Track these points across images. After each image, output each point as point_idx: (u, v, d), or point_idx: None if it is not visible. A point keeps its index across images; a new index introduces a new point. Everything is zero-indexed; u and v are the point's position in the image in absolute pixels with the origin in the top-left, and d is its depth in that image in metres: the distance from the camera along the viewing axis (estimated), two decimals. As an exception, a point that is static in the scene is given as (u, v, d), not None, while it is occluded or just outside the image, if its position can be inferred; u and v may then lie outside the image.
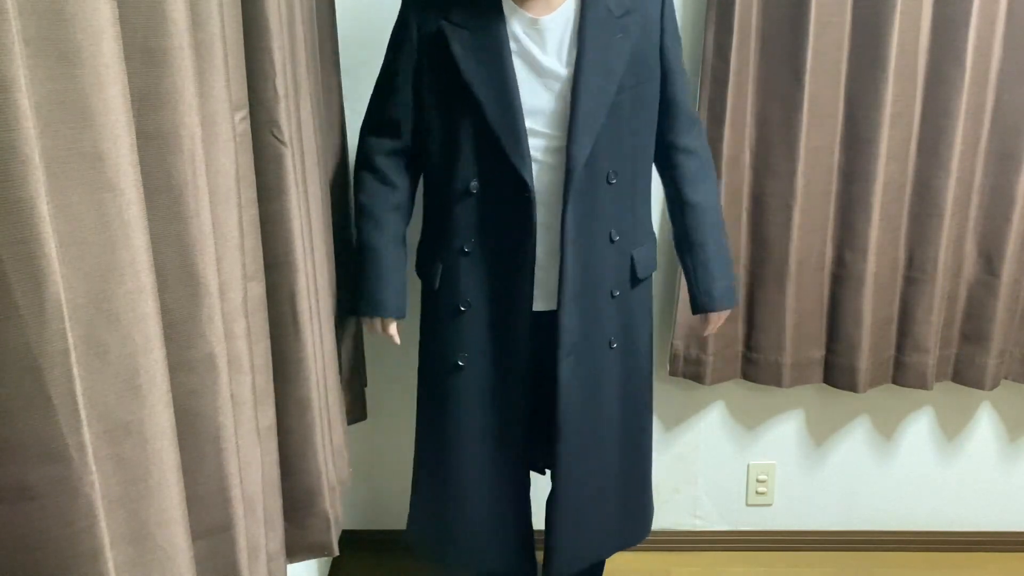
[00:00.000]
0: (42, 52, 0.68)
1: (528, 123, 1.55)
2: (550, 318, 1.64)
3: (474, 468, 1.72)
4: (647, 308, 1.80)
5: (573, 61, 1.54)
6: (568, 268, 1.59)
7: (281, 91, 1.20)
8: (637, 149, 1.64)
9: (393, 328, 1.75)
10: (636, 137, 1.63)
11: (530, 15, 1.53)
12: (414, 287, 1.84)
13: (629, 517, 1.85)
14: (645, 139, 1.66)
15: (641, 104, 1.61)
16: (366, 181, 1.70)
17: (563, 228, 1.57)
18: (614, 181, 1.60)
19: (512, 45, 1.54)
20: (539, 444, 1.79)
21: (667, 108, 1.67)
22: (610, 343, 1.68)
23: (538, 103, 1.56)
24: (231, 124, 1.01)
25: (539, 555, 1.88)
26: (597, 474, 1.75)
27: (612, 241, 1.63)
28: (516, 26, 1.54)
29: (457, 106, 1.56)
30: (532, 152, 1.56)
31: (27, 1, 0.66)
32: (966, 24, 1.91)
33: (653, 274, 1.81)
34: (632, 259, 1.68)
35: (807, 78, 1.93)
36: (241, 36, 1.13)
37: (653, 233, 1.78)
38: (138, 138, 0.81)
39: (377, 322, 1.74)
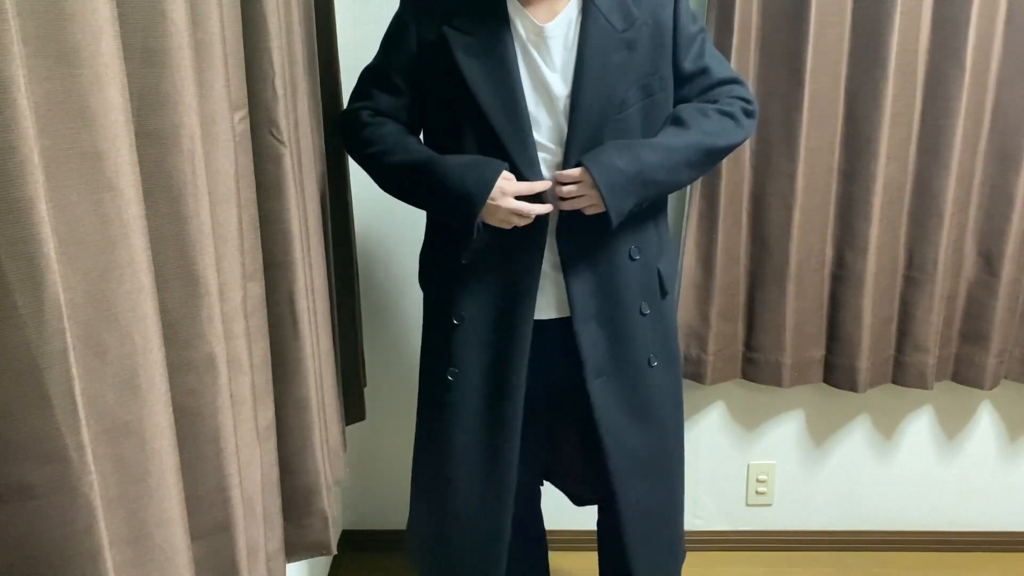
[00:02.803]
0: (41, 52, 0.68)
1: (540, 138, 1.50)
2: (562, 327, 1.58)
3: (462, 483, 1.65)
4: (675, 322, 1.73)
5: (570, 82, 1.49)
6: (573, 288, 1.54)
7: (280, 91, 1.20)
8: None
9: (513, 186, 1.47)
10: None
11: (535, 20, 1.48)
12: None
13: (672, 545, 1.79)
14: None
15: (655, 117, 1.54)
16: (362, 130, 1.57)
17: (559, 249, 1.53)
18: None
19: (518, 52, 1.48)
20: (579, 472, 1.79)
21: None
22: (649, 362, 1.61)
23: (540, 115, 1.50)
24: (230, 124, 1.01)
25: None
26: (657, 495, 1.69)
27: (633, 259, 1.57)
28: (522, 33, 1.49)
29: (461, 113, 1.50)
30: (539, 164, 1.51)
31: (26, 0, 0.66)
32: (966, 24, 1.91)
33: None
34: (659, 273, 1.62)
35: (807, 78, 1.93)
36: (241, 36, 1.13)
37: (672, 243, 1.72)
38: (137, 138, 0.81)
39: (504, 189, 1.46)
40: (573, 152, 1.49)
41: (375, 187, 2.11)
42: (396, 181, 1.58)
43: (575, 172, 1.46)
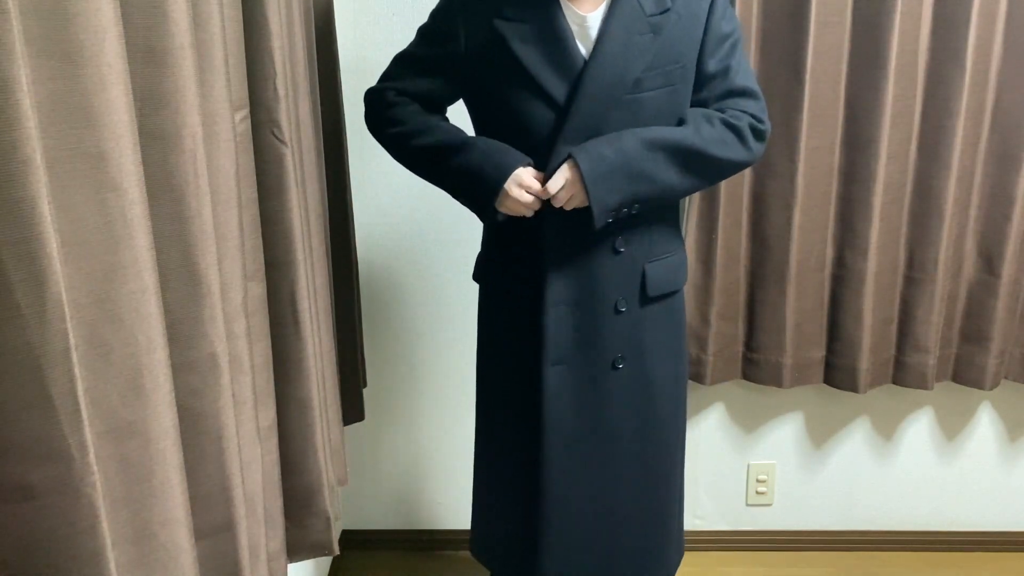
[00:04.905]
0: (44, 52, 0.68)
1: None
2: None
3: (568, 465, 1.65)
4: (670, 328, 1.63)
5: None
6: (550, 276, 1.51)
7: (281, 91, 1.20)
8: None
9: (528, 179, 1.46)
10: None
11: (577, 10, 1.46)
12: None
13: (645, 553, 1.71)
14: None
15: (669, 107, 1.49)
16: (386, 110, 1.55)
17: (542, 234, 1.50)
18: None
19: None
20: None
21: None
22: (614, 363, 1.56)
23: None
24: (232, 124, 1.01)
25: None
26: (600, 501, 1.62)
27: (617, 252, 1.52)
28: (568, 23, 1.46)
29: (523, 102, 1.47)
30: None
31: (29, 1, 0.66)
32: (966, 24, 1.91)
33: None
34: (644, 273, 1.55)
35: (807, 78, 1.94)
36: (242, 36, 1.13)
37: (682, 247, 1.64)
38: (140, 138, 0.81)
39: (520, 178, 1.45)
40: (573, 121, 1.45)
41: (374, 187, 2.11)
42: (420, 163, 1.56)
43: (559, 177, 1.43)
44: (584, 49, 1.46)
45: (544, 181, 1.46)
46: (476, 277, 1.70)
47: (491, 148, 1.49)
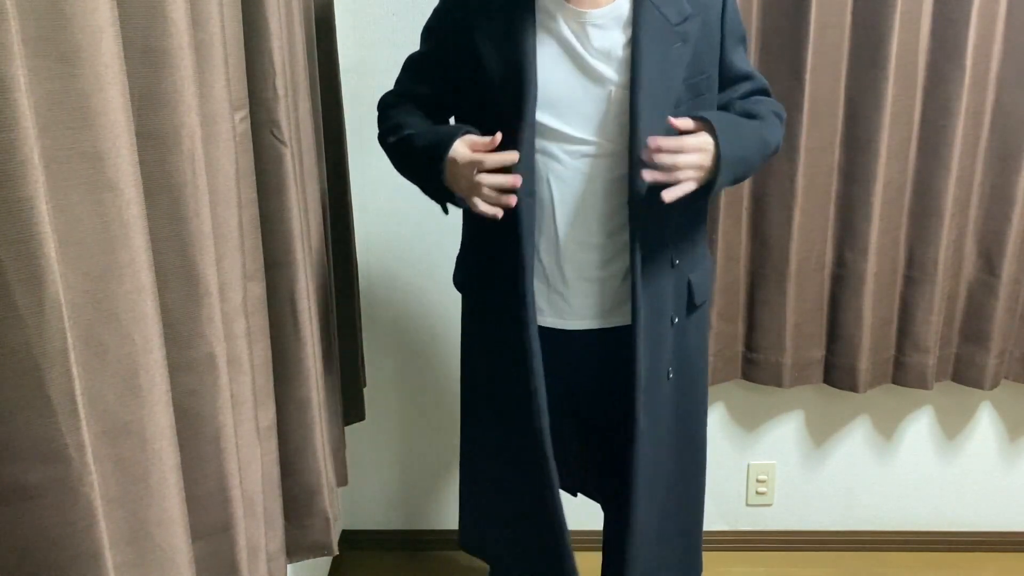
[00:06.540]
0: (42, 52, 0.68)
1: (567, 128, 1.43)
2: (578, 338, 1.56)
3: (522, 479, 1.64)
4: (700, 332, 1.67)
5: (624, 71, 1.42)
6: (640, 299, 1.47)
7: (281, 91, 1.20)
8: None
9: (471, 139, 1.41)
10: None
11: (575, 8, 1.42)
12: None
13: (678, 552, 1.76)
14: None
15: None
16: (382, 112, 1.57)
17: (632, 257, 1.46)
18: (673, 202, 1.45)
19: (556, 43, 1.43)
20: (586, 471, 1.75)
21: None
22: (668, 374, 1.56)
23: (584, 108, 1.44)
24: (231, 124, 1.01)
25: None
26: (659, 511, 1.65)
27: (673, 266, 1.51)
28: (562, 22, 1.42)
29: (483, 99, 1.47)
30: (562, 156, 1.45)
31: (27, 1, 0.66)
32: (966, 24, 1.91)
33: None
34: (690, 284, 1.56)
35: (807, 78, 1.93)
36: (241, 36, 1.13)
37: (708, 255, 1.65)
38: (138, 138, 0.81)
39: (458, 151, 1.40)
40: (639, 147, 1.41)
41: (375, 186, 2.11)
42: (396, 160, 1.55)
43: (692, 127, 1.37)
44: (583, 49, 1.43)
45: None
46: (465, 294, 1.69)
47: (440, 127, 1.47)
